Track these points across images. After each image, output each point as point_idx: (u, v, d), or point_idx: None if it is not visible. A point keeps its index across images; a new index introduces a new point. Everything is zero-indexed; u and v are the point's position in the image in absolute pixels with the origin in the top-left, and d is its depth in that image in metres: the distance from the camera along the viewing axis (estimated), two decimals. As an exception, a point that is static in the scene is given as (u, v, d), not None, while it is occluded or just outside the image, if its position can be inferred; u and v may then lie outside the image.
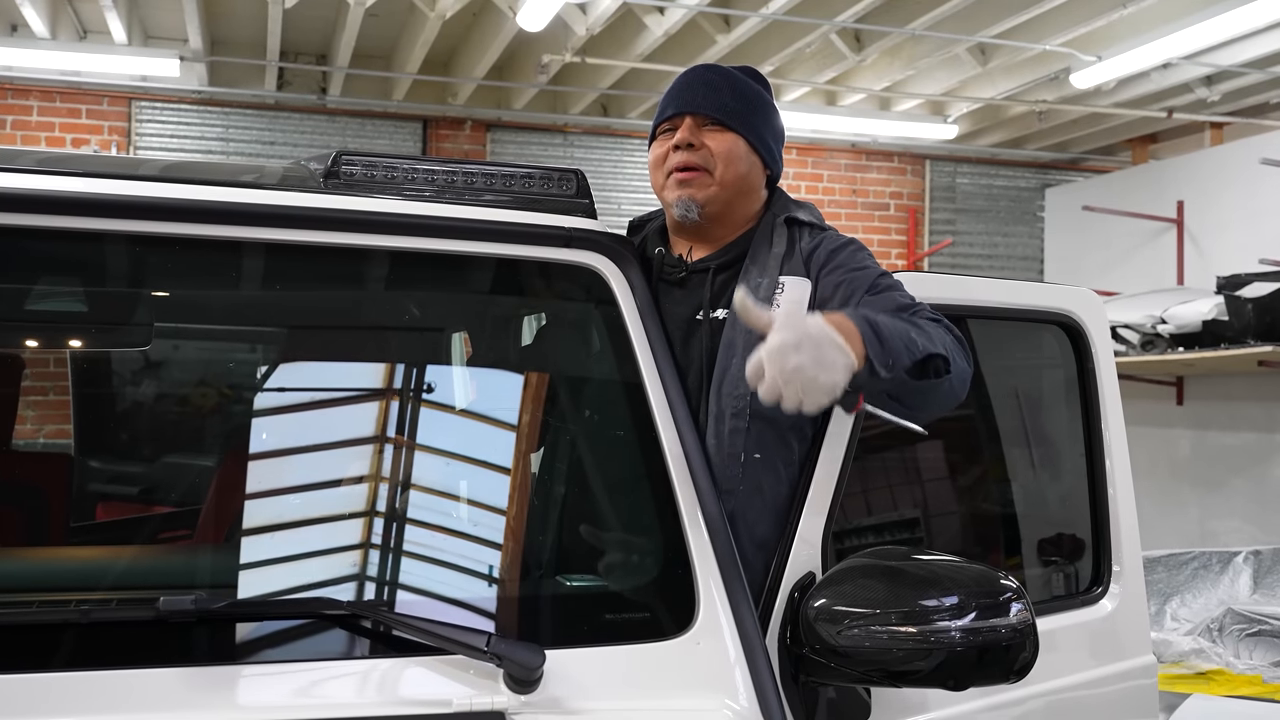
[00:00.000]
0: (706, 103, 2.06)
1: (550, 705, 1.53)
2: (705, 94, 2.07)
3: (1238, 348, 6.38)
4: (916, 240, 9.72)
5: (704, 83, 2.08)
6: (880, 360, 1.69)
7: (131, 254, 1.76)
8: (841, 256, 1.97)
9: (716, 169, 2.03)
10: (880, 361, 1.69)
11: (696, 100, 2.06)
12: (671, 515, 1.75)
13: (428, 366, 1.98)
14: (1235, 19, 6.08)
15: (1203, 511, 7.49)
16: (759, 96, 2.11)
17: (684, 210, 2.02)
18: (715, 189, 2.03)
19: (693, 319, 2.00)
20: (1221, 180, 7.66)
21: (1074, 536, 2.48)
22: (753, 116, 2.08)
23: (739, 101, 2.07)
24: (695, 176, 2.02)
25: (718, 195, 2.03)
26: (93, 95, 8.04)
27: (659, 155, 2.08)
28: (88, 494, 2.33)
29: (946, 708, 1.93)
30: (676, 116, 2.07)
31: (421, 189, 1.87)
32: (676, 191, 2.03)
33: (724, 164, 2.03)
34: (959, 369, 1.82)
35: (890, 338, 1.72)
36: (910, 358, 1.75)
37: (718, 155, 2.03)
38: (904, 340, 1.75)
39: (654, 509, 1.80)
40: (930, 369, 1.79)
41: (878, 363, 1.68)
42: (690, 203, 2.02)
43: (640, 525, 1.83)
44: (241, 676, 1.53)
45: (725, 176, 2.03)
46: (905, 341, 1.75)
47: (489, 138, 8.82)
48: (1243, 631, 4.96)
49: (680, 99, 2.08)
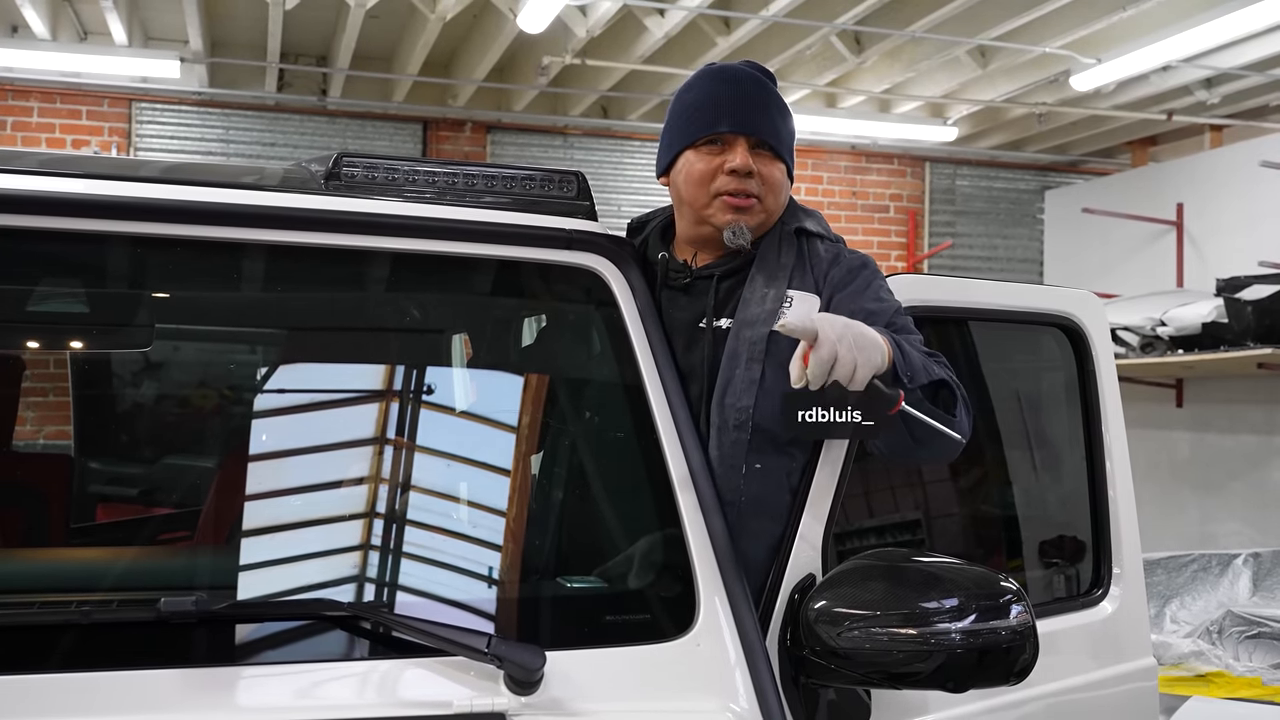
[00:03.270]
0: (764, 126, 2.00)
1: (551, 707, 1.53)
2: (760, 115, 2.01)
3: (1237, 350, 6.38)
4: (916, 242, 9.73)
5: (754, 102, 2.02)
6: (902, 369, 1.74)
7: (132, 255, 1.76)
8: (858, 283, 1.95)
9: (766, 198, 2.00)
10: (902, 370, 1.74)
11: (756, 122, 2.00)
12: (671, 516, 1.75)
13: (428, 368, 1.98)
14: (1235, 22, 6.09)
15: (1202, 514, 7.49)
16: (787, 108, 2.08)
17: (737, 237, 1.98)
18: (764, 216, 2.01)
19: (695, 326, 1.98)
20: (1221, 183, 7.67)
21: (1074, 539, 2.48)
22: (791, 137, 2.06)
23: (783, 122, 2.04)
24: (750, 204, 1.99)
25: (765, 223, 2.02)
26: (93, 96, 8.04)
27: (705, 172, 2.00)
28: (88, 495, 2.34)
29: (947, 709, 1.93)
30: (729, 134, 2.00)
31: (422, 191, 1.87)
32: (729, 216, 1.98)
33: (773, 195, 2.01)
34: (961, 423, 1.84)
35: (910, 354, 1.79)
36: (927, 377, 1.80)
37: (769, 185, 2.00)
38: (921, 361, 1.81)
39: (654, 510, 1.80)
40: (941, 400, 1.81)
41: (900, 370, 1.74)
42: (745, 230, 1.98)
43: (640, 526, 1.83)
44: (242, 678, 1.53)
45: (772, 206, 2.02)
46: (923, 362, 1.82)
47: (489, 139, 8.83)
48: (1242, 634, 4.96)
49: (735, 115, 2.00)
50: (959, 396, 1.85)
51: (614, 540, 1.84)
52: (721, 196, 1.99)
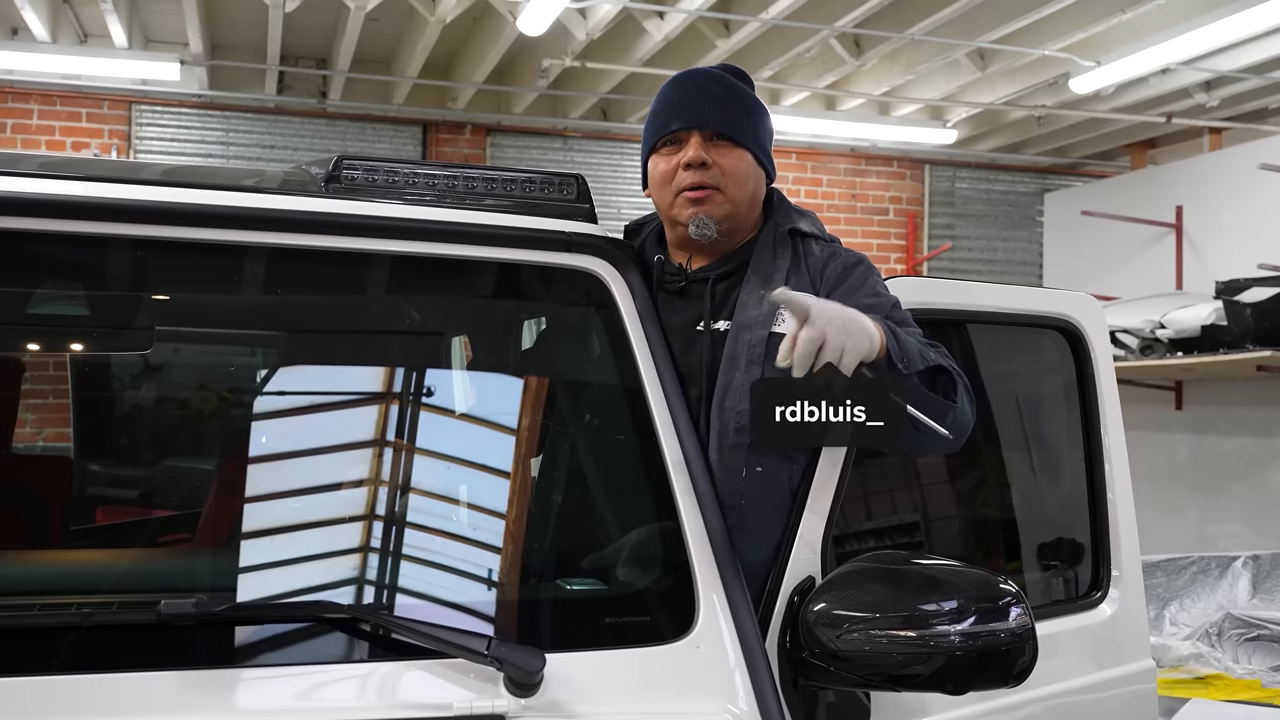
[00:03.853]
0: (714, 117, 2.00)
1: (550, 709, 1.53)
2: (710, 107, 2.01)
3: (1236, 353, 6.38)
4: (915, 245, 9.73)
5: (706, 95, 2.02)
6: (897, 355, 1.76)
7: (132, 258, 1.76)
8: (854, 279, 1.96)
9: (728, 188, 1.99)
10: (897, 356, 1.75)
11: (704, 115, 2.00)
12: (671, 518, 1.75)
13: (428, 371, 1.98)
14: (1234, 24, 6.09)
15: (1201, 516, 7.49)
16: (755, 102, 2.08)
17: (700, 228, 1.98)
18: (729, 207, 1.99)
19: (693, 329, 1.99)
20: (1220, 185, 7.67)
21: (1073, 541, 2.48)
22: (756, 127, 2.04)
23: (742, 113, 2.03)
24: (708, 194, 1.98)
25: (731, 213, 2.00)
26: (93, 99, 8.04)
27: (665, 172, 2.02)
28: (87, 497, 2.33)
29: (946, 712, 1.94)
30: (682, 130, 2.01)
31: (422, 193, 1.88)
32: (690, 209, 1.98)
33: (735, 184, 1.99)
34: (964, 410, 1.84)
35: (905, 340, 1.80)
36: (924, 363, 1.81)
37: (728, 174, 1.99)
38: (918, 348, 1.83)
39: (654, 512, 1.80)
40: (940, 387, 1.82)
41: (894, 356, 1.75)
42: (707, 220, 1.98)
43: (640, 529, 1.83)
44: (242, 680, 1.53)
45: (736, 195, 2.00)
46: (919, 349, 1.83)
47: (489, 142, 8.83)
48: (1241, 636, 4.96)
49: (685, 112, 2.01)
50: (959, 383, 1.85)
51: (614, 542, 1.84)
52: (682, 193, 2.00)
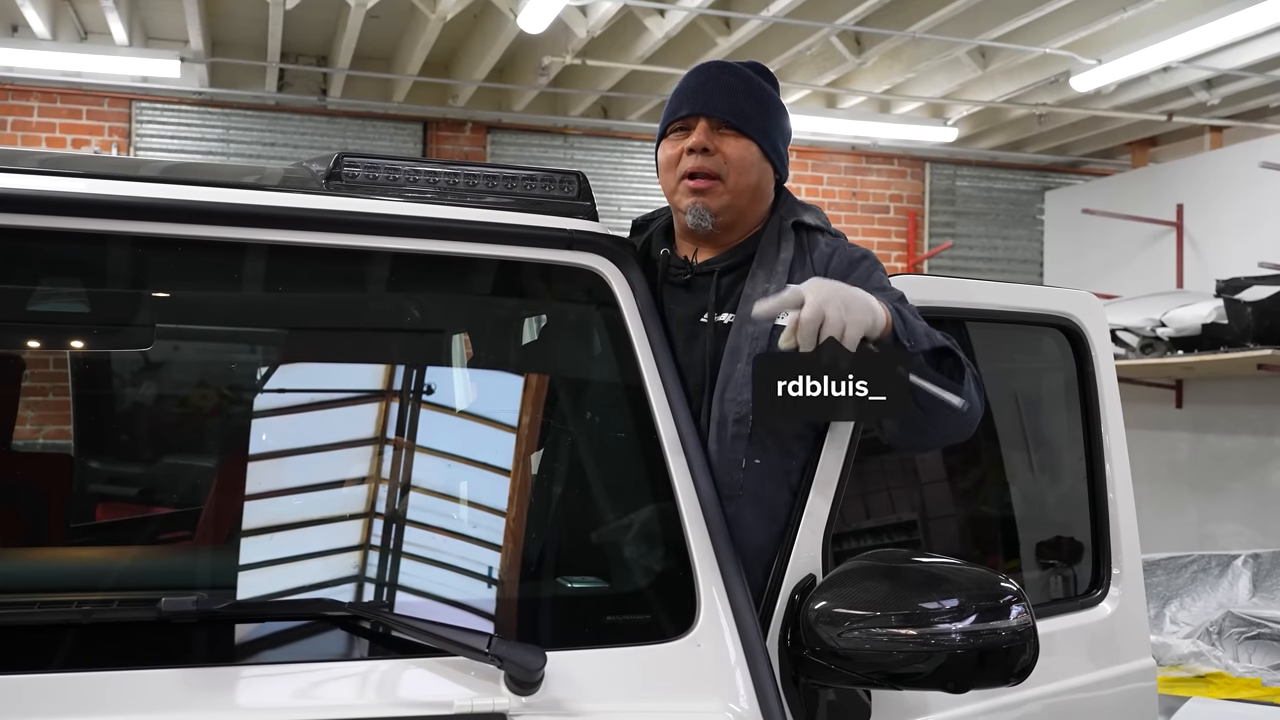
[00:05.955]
0: (722, 105, 2.00)
1: (551, 707, 1.53)
2: (721, 95, 2.01)
3: (1237, 351, 6.38)
4: (916, 243, 9.73)
5: (719, 84, 2.03)
6: (902, 333, 1.76)
7: (132, 255, 1.76)
8: (859, 273, 1.95)
9: (729, 177, 1.99)
10: (902, 335, 1.76)
11: (712, 102, 2.01)
12: (672, 517, 1.75)
13: (429, 368, 1.98)
14: (1235, 23, 6.09)
15: (1202, 515, 7.49)
16: (772, 98, 2.07)
17: (698, 219, 1.99)
18: (728, 197, 2.00)
19: (697, 321, 1.99)
20: (1221, 184, 7.67)
21: (1073, 539, 2.48)
22: (766, 120, 2.04)
23: (753, 105, 2.03)
24: (709, 185, 1.98)
25: (731, 204, 2.00)
26: (93, 96, 8.04)
27: (671, 156, 2.04)
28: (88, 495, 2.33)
29: (947, 710, 1.93)
30: (690, 117, 2.02)
31: (423, 191, 1.87)
32: (690, 199, 2.00)
33: (737, 172, 2.00)
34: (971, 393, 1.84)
35: (911, 320, 1.81)
36: (930, 343, 1.82)
37: (731, 162, 1.99)
38: (924, 329, 1.84)
39: (655, 511, 1.80)
40: (946, 369, 1.82)
41: (900, 335, 1.75)
42: (705, 211, 1.99)
43: (640, 526, 1.83)
44: (242, 677, 1.53)
45: (738, 185, 2.00)
46: (925, 331, 1.84)
47: (489, 139, 8.83)
48: (1242, 635, 4.96)
49: (695, 99, 2.03)
50: (966, 369, 1.85)
51: (614, 540, 1.84)
52: (684, 180, 2.01)
